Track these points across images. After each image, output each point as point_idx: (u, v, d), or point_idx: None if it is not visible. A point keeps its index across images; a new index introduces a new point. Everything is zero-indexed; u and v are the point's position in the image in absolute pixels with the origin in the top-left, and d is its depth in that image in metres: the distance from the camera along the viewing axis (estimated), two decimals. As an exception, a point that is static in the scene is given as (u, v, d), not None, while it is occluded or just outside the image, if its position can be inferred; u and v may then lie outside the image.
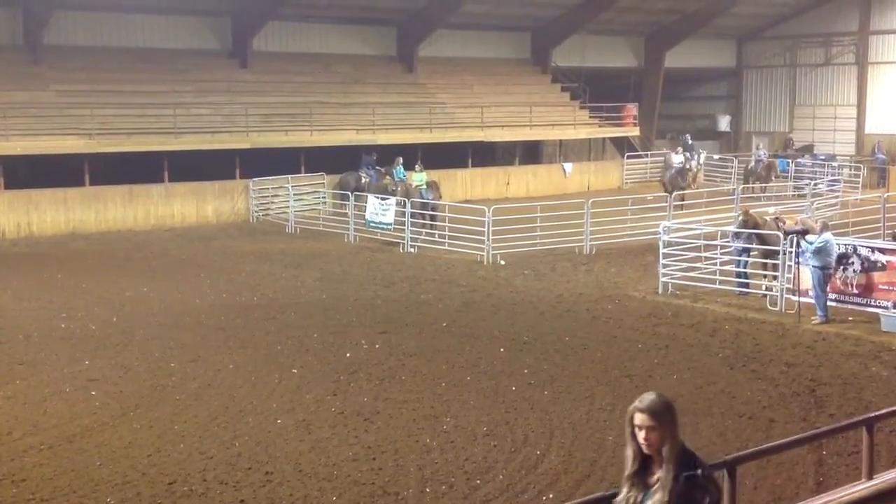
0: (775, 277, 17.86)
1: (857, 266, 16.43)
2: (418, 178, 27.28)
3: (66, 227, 27.45)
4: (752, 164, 36.84)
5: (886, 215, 23.93)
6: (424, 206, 25.64)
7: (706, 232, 21.16)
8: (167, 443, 10.90)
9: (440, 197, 27.82)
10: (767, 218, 18.75)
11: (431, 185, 27.18)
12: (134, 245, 25.60)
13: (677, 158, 35.35)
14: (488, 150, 37.92)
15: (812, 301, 16.48)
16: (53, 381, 13.28)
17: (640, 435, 4.92)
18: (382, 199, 26.09)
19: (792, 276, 16.99)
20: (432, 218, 25.84)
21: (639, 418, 4.93)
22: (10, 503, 9.36)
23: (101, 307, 17.81)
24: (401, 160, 29.33)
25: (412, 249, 24.13)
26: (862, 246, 16.74)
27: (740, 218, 18.60)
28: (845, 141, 44.61)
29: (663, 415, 4.91)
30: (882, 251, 16.47)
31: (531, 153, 39.83)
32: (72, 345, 15.14)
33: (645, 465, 4.98)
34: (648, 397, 4.99)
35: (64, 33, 30.92)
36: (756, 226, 18.29)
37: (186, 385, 13.07)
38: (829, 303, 16.46)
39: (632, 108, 42.06)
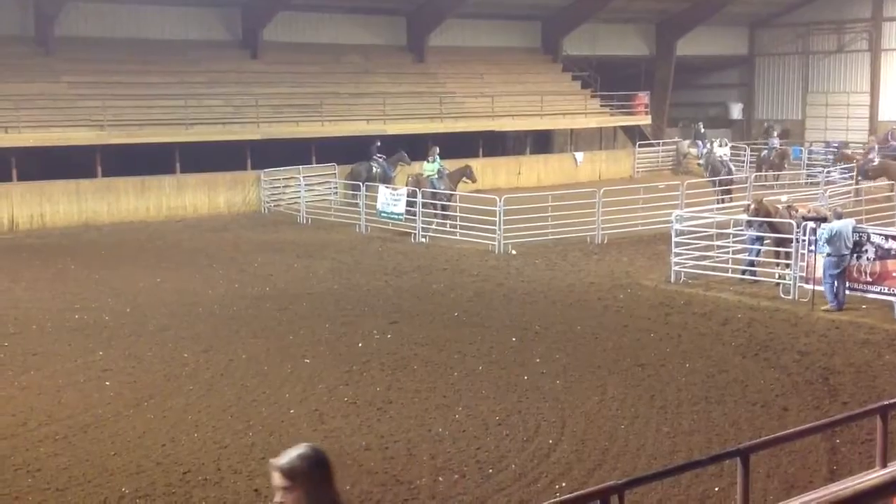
0: (788, 266, 17.81)
1: (871, 254, 16.35)
2: (430, 167, 27.23)
3: (78, 218, 27.53)
4: (766, 151, 36.64)
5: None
6: (435, 195, 25.63)
7: (718, 220, 21.09)
8: (181, 432, 10.95)
9: (475, 180, 27.65)
10: (780, 206, 18.68)
11: (455, 174, 27.12)
12: (146, 236, 25.68)
13: (721, 151, 34.77)
14: (499, 139, 37.83)
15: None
16: (67, 371, 13.35)
17: (277, 495, 4.32)
18: (393, 188, 26.06)
19: (805, 264, 16.94)
20: (444, 208, 25.84)
21: (274, 477, 4.32)
22: (26, 493, 9.42)
23: (114, 298, 17.88)
24: (437, 149, 28.68)
25: (423, 239, 24.13)
26: (875, 234, 16.66)
27: (752, 206, 18.53)
28: (858, 128, 44.35)
29: (302, 475, 4.28)
30: (896, 239, 16.39)
31: (542, 142, 39.74)
32: (85, 335, 15.21)
33: None
34: (290, 454, 4.34)
35: (74, 25, 30.98)
36: (768, 214, 18.22)
37: (199, 375, 13.12)
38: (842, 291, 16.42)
39: (643, 97, 41.88)
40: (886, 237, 16.42)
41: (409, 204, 24.82)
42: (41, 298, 17.95)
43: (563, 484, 9.48)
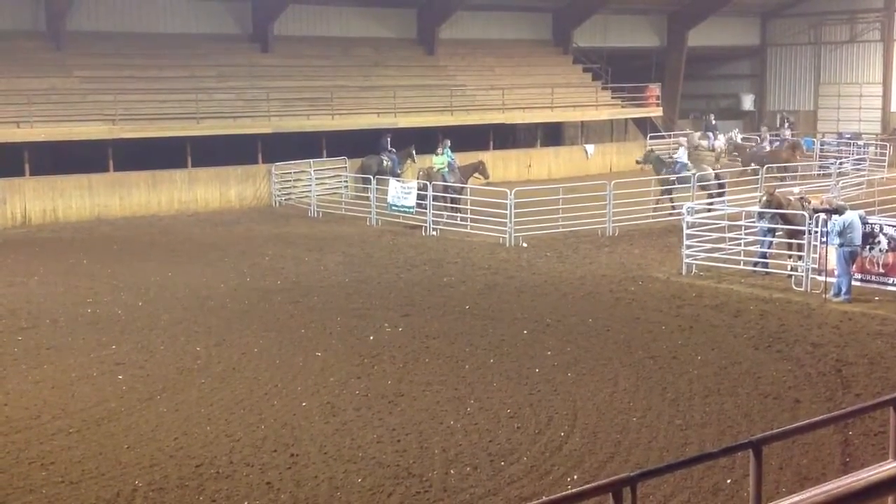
0: (800, 257, 17.75)
1: (884, 245, 16.28)
2: (439, 160, 27.21)
3: (90, 212, 27.65)
4: (777, 143, 36.55)
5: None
6: (446, 189, 25.63)
7: (730, 212, 21.02)
8: (193, 425, 10.99)
9: (488, 176, 27.68)
10: (792, 198, 18.62)
11: (467, 169, 27.08)
12: (158, 230, 25.76)
13: (678, 153, 34.29)
14: (509, 132, 37.78)
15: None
16: (80, 365, 13.41)
17: None
18: (404, 182, 26.05)
19: (817, 255, 16.87)
20: (454, 201, 25.83)
21: None
22: (40, 486, 9.47)
23: (126, 292, 17.95)
24: (448, 142, 28.74)
25: (434, 232, 24.13)
26: (888, 225, 16.58)
27: (764, 198, 18.47)
28: (871, 119, 44.15)
29: None
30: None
31: (553, 135, 39.66)
32: (98, 329, 15.27)
33: None
34: None
35: (86, 19, 31.07)
36: (780, 206, 18.16)
37: (212, 368, 13.17)
38: (854, 282, 16.34)
39: (654, 89, 41.75)
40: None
41: (420, 197, 24.83)
42: (54, 292, 18.02)
43: (575, 476, 9.48)
